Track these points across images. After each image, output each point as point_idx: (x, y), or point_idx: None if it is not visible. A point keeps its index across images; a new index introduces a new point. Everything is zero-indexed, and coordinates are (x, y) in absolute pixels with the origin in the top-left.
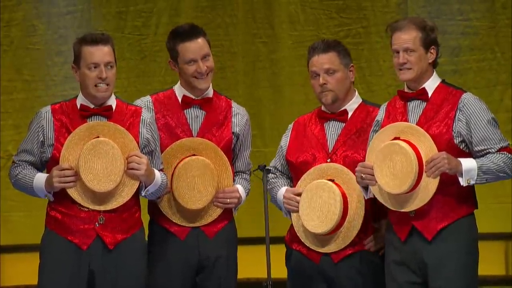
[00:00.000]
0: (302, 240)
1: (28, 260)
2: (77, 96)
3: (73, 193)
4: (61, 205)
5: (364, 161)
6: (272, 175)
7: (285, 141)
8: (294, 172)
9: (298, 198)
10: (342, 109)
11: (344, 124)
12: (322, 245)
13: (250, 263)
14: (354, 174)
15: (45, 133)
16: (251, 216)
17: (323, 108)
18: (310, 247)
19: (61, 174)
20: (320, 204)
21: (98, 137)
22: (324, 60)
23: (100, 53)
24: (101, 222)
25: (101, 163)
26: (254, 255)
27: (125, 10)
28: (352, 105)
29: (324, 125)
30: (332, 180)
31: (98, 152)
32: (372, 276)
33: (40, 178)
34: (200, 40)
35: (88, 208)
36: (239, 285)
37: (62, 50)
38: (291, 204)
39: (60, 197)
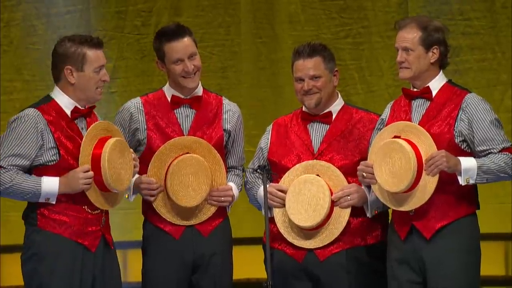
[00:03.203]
0: (285, 236)
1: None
2: (51, 98)
3: (91, 194)
4: (67, 209)
5: (350, 163)
6: (251, 176)
7: (265, 142)
8: (277, 172)
9: (281, 193)
10: (327, 111)
11: (328, 125)
12: (306, 240)
13: (250, 263)
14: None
15: (44, 136)
16: (251, 216)
17: (305, 109)
18: (293, 243)
19: (87, 176)
20: (309, 197)
21: (110, 137)
22: (309, 65)
23: (103, 56)
24: (103, 223)
25: (120, 163)
26: (254, 255)
27: (125, 9)
28: (335, 107)
29: (308, 126)
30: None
31: (118, 152)
32: (359, 274)
33: (51, 181)
34: (186, 40)
35: (99, 209)
36: (239, 285)
37: None
38: (273, 200)
39: (64, 200)
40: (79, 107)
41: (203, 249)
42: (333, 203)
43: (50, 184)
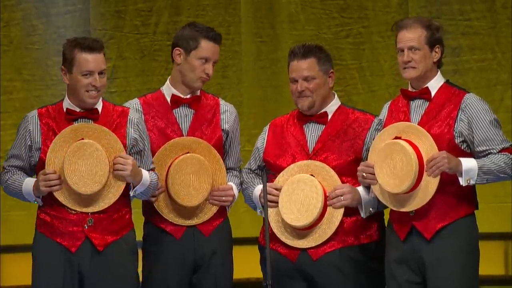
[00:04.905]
0: (278, 236)
1: (28, 260)
2: (63, 99)
3: (60, 196)
4: (50, 208)
5: (345, 163)
6: (247, 176)
7: (261, 142)
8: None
9: (276, 191)
10: (322, 111)
11: (324, 126)
12: (299, 240)
13: (250, 263)
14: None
15: (32, 137)
16: (251, 216)
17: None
18: (286, 242)
19: (46, 178)
20: (302, 197)
21: (82, 139)
22: (303, 66)
23: (96, 60)
24: (90, 224)
25: (86, 165)
26: (254, 255)
27: (124, 9)
28: (331, 107)
29: (304, 126)
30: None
31: (82, 154)
32: (352, 273)
33: (29, 183)
34: (219, 48)
35: (75, 210)
36: (239, 285)
37: (61, 50)
38: (269, 199)
39: (49, 200)
40: (74, 108)
41: (204, 249)
42: (326, 203)
43: (28, 185)
